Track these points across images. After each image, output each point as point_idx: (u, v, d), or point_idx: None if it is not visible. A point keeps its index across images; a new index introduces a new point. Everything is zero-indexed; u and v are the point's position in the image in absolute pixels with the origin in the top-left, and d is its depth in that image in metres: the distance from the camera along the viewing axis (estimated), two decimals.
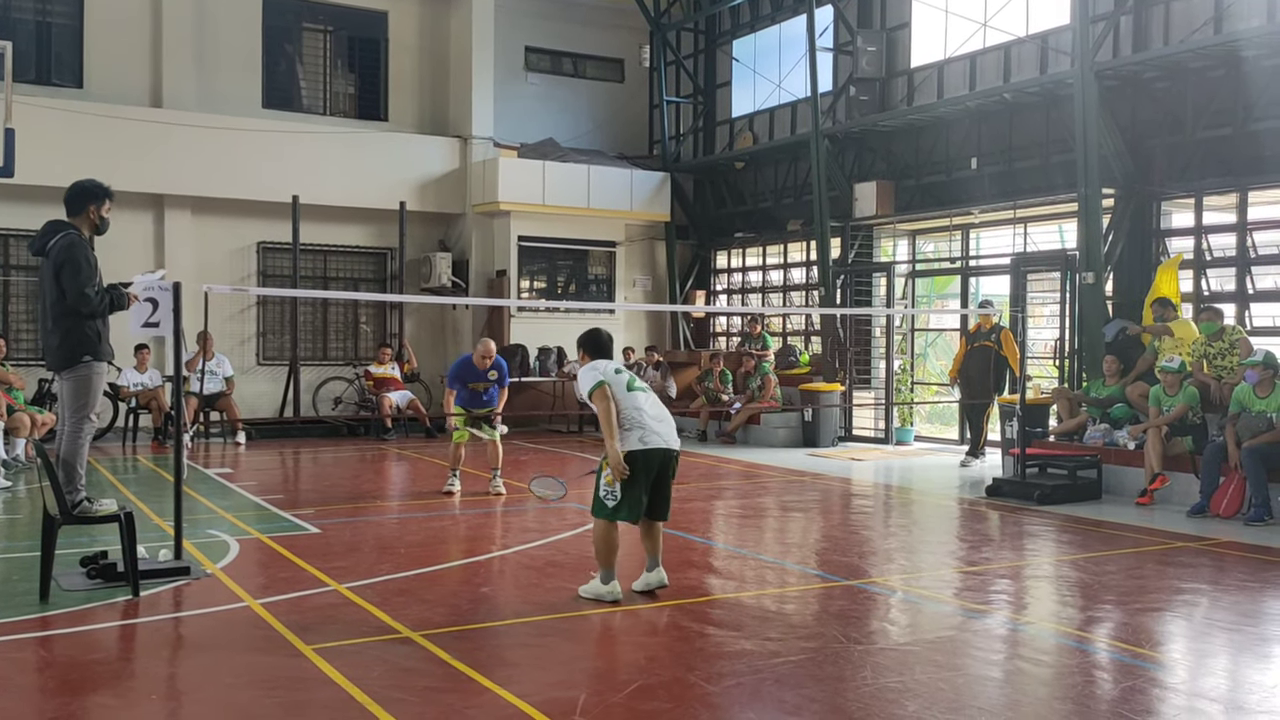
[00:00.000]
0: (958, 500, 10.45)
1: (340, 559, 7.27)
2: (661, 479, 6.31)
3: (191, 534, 7.56)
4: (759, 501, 10.27)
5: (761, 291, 18.94)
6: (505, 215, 17.31)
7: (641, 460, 6.15)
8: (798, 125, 17.46)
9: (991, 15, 14.20)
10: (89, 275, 6.35)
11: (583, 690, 4.64)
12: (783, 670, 4.96)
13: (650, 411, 6.32)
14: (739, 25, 19.05)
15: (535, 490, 9.49)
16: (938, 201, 14.89)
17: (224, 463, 12.55)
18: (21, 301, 15.52)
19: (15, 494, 9.98)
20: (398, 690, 4.60)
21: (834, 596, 6.43)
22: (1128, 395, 10.88)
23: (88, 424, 6.48)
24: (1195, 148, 11.91)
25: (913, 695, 4.65)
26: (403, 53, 18.05)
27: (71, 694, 4.62)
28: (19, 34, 14.88)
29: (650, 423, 6.25)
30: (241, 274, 16.55)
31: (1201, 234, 12.01)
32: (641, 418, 6.25)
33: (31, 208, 13.58)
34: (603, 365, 6.55)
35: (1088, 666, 5.20)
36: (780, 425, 15.06)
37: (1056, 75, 12.81)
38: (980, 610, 6.05)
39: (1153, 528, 8.88)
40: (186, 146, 15.40)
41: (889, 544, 8.37)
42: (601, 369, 6.49)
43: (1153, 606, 6.27)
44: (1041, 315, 14.29)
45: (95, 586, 6.25)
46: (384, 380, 15.66)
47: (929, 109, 14.49)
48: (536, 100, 19.25)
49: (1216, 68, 11.55)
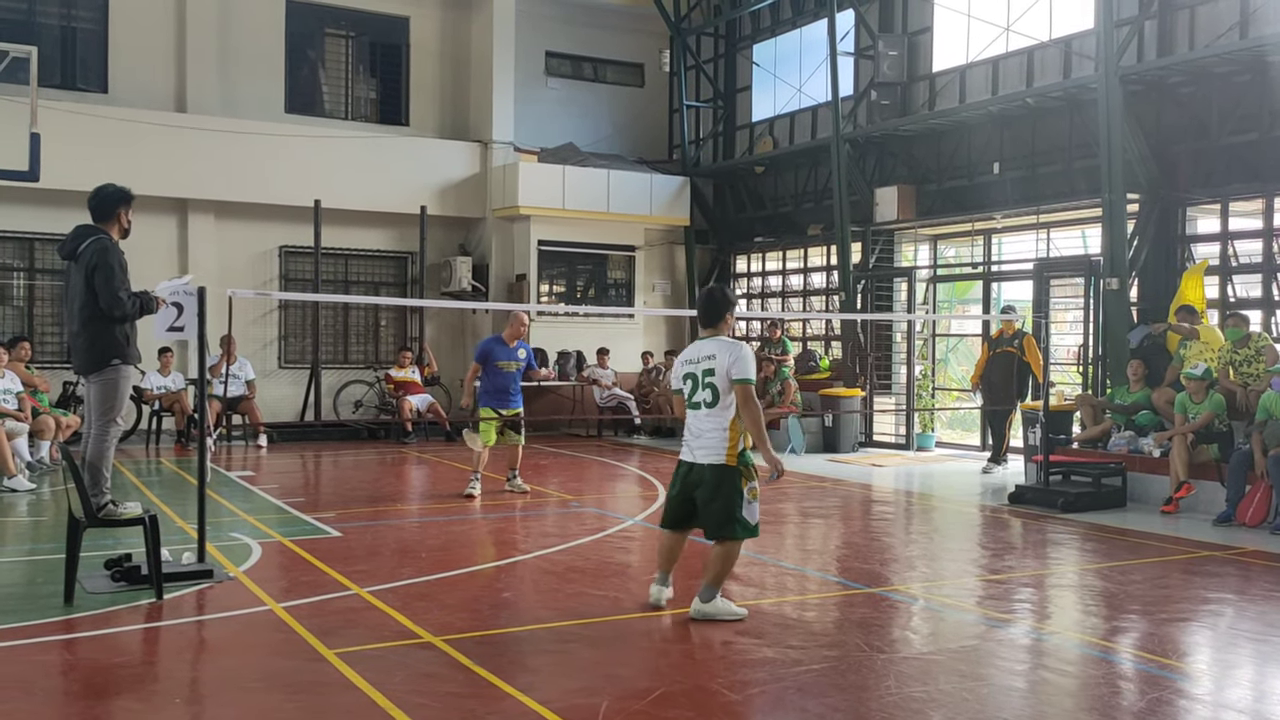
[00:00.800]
0: (980, 507, 10.38)
1: (361, 562, 7.28)
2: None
3: (214, 537, 7.59)
4: (779, 507, 10.24)
5: (781, 296, 18.89)
6: (525, 219, 17.34)
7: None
8: (818, 130, 17.41)
9: (1014, 20, 14.12)
10: (122, 279, 6.39)
11: (605, 697, 4.63)
12: (805, 679, 4.93)
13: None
14: (759, 30, 19.02)
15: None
16: (959, 206, 14.82)
17: (246, 466, 12.61)
18: (47, 305, 15.65)
19: (40, 496, 10.06)
20: (419, 695, 4.61)
21: (855, 604, 6.40)
22: (1154, 402, 10.79)
23: (114, 427, 6.52)
24: (1220, 153, 11.81)
25: (937, 705, 4.62)
26: (424, 58, 18.12)
27: (95, 697, 4.65)
28: (44, 39, 15.02)
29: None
30: (264, 278, 16.64)
31: (1227, 240, 11.91)
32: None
33: (56, 212, 13.72)
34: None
35: (1113, 677, 5.15)
36: (801, 430, 15.00)
37: (1080, 80, 12.73)
38: (1004, 619, 6.01)
39: (1178, 536, 8.79)
40: (210, 151, 15.51)
41: (910, 551, 8.32)
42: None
43: (1178, 616, 6.21)
44: (1065, 321, 14.19)
45: (119, 589, 6.29)
46: (404, 384, 15.72)
47: (951, 113, 14.42)
48: (557, 105, 19.28)
49: (1242, 72, 11.45)
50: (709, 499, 5.83)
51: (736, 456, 5.80)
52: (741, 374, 5.76)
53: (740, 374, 5.76)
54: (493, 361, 10.15)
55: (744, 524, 5.80)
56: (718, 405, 5.82)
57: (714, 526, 5.85)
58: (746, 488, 5.80)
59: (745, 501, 5.79)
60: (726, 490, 5.78)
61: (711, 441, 5.83)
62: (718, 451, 5.80)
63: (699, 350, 5.98)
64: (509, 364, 10.18)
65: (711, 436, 5.83)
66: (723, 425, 5.80)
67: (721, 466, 5.80)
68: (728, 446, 5.78)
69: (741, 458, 5.82)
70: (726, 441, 5.79)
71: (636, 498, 10.56)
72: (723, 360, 5.81)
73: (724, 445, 5.79)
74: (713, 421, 5.83)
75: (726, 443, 5.79)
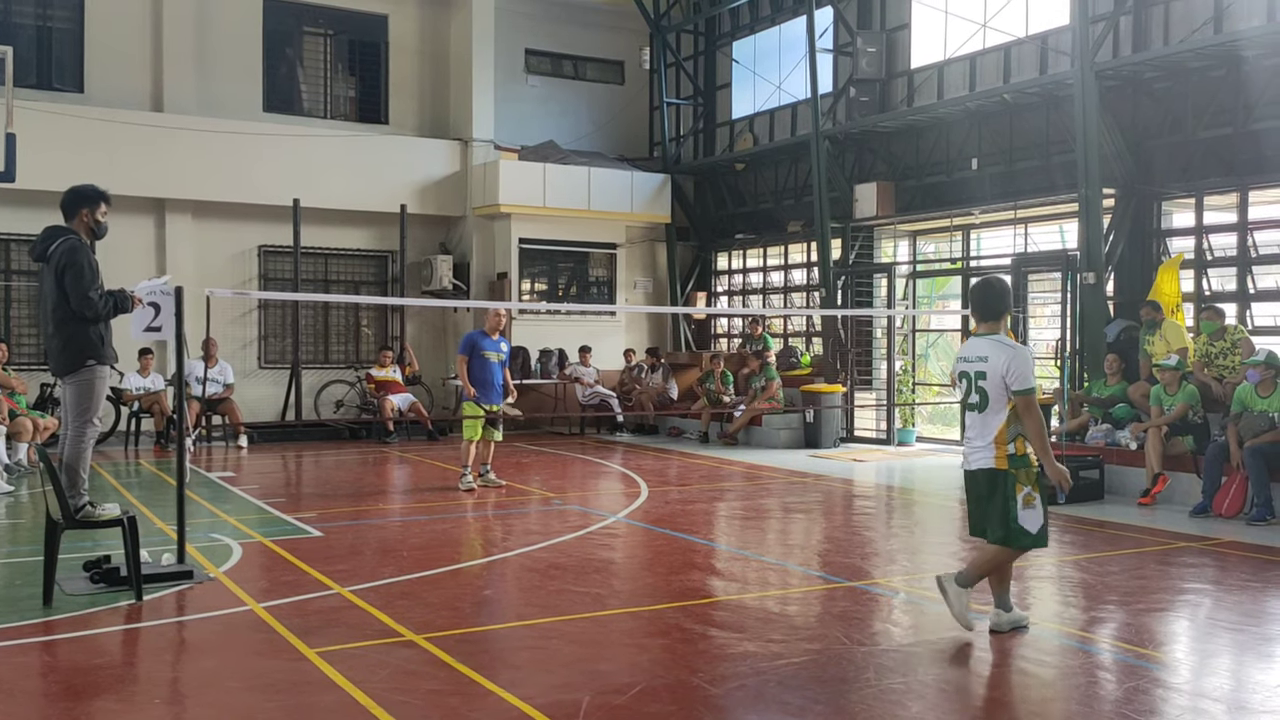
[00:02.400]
0: (960, 501, 10.42)
1: (343, 562, 7.27)
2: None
3: (194, 538, 7.57)
4: (761, 503, 10.27)
5: (762, 293, 18.94)
6: (506, 217, 17.32)
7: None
8: (798, 126, 17.47)
9: (991, 16, 14.20)
10: (91, 279, 6.34)
11: (586, 693, 4.64)
12: (786, 672, 4.96)
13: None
14: (739, 27, 19.06)
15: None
16: (938, 202, 14.90)
17: (226, 466, 12.55)
18: (23, 306, 15.54)
19: (18, 499, 9.99)
20: (401, 693, 4.61)
21: (836, 598, 6.43)
22: (1129, 395, 10.88)
23: (91, 428, 6.48)
24: (1196, 147, 11.91)
25: (916, 696, 4.65)
26: (403, 56, 18.07)
27: (75, 699, 4.62)
28: (20, 39, 14.90)
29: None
30: (243, 278, 16.56)
31: (1202, 234, 12.02)
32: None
33: (33, 212, 13.61)
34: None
35: (1091, 667, 5.20)
36: (782, 426, 15.06)
37: (1056, 76, 12.82)
38: (983, 611, 6.04)
39: (1155, 528, 8.87)
40: (187, 150, 15.43)
41: (891, 545, 8.37)
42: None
43: (1156, 607, 6.27)
44: (1043, 315, 14.28)
45: (98, 591, 6.26)
46: (385, 383, 15.67)
47: (929, 110, 14.49)
48: (537, 102, 19.26)
49: (1217, 67, 11.55)
50: (985, 505, 5.62)
51: (1007, 459, 5.51)
52: (1022, 384, 5.43)
53: (1020, 384, 5.43)
54: (479, 352, 10.45)
55: (1023, 532, 5.50)
56: (987, 409, 5.55)
57: (993, 532, 5.61)
58: (1021, 494, 5.49)
59: (1020, 507, 5.49)
60: (1000, 496, 5.53)
61: (981, 445, 5.59)
62: (986, 456, 5.56)
63: (973, 348, 5.67)
64: (493, 354, 10.52)
65: (981, 440, 5.59)
66: (992, 428, 5.53)
67: (992, 471, 5.54)
68: (996, 452, 5.52)
69: (1014, 460, 5.51)
70: (995, 446, 5.52)
71: (619, 495, 10.58)
72: (996, 364, 5.48)
73: (993, 450, 5.53)
74: (982, 424, 5.58)
75: (995, 448, 5.52)
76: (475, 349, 10.49)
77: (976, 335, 5.74)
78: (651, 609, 6.11)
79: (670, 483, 11.44)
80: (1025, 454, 5.56)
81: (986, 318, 5.68)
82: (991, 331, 5.65)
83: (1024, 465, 5.54)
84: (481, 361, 10.46)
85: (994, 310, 5.65)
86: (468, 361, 10.49)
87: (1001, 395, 5.49)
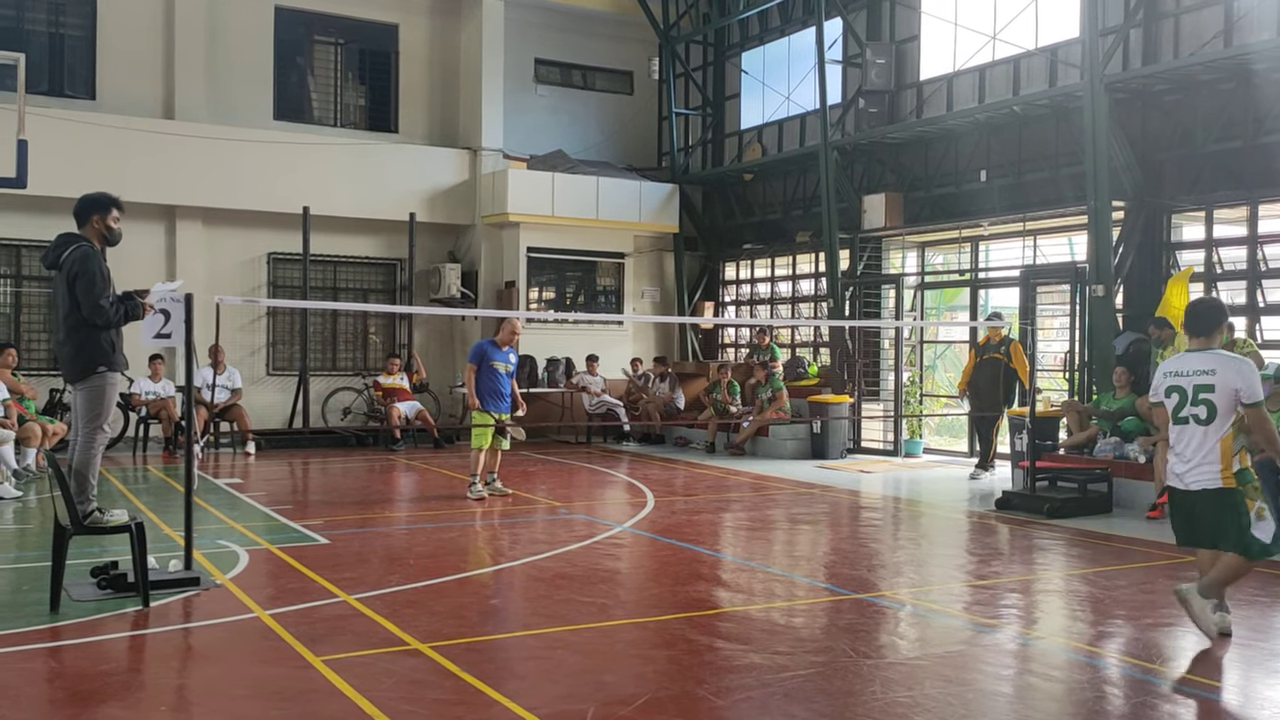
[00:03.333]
0: (967, 513, 10.42)
1: (349, 570, 7.28)
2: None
3: (201, 544, 7.58)
4: (767, 514, 10.26)
5: (770, 303, 18.93)
6: (514, 226, 17.35)
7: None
8: (806, 137, 17.48)
9: (1001, 28, 14.21)
10: (103, 287, 6.37)
11: (591, 703, 4.64)
12: (791, 684, 4.95)
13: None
14: (748, 38, 19.09)
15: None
16: (947, 213, 14.89)
17: (234, 473, 12.58)
18: (34, 312, 15.60)
19: (26, 504, 10.01)
20: (407, 703, 4.61)
21: (843, 610, 6.42)
22: (1139, 408, 10.85)
23: (101, 434, 6.51)
24: (1205, 160, 11.90)
25: (922, 710, 4.64)
26: (413, 65, 18.14)
27: (81, 705, 4.63)
28: (32, 46, 15.00)
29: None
30: (252, 285, 16.62)
31: (1212, 247, 11.99)
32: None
33: (44, 219, 13.70)
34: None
35: (1098, 682, 5.18)
36: (789, 437, 15.04)
37: (1066, 88, 12.82)
38: (990, 624, 6.03)
39: (1163, 542, 8.82)
40: (198, 158, 15.49)
41: (898, 557, 8.35)
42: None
43: (1164, 621, 6.24)
44: (1051, 328, 14.26)
45: (105, 597, 6.27)
46: (393, 391, 15.70)
47: (938, 121, 14.50)
48: (546, 112, 19.32)
49: (1226, 80, 11.54)
50: (1213, 526, 5.64)
51: (1234, 476, 5.55)
52: (1253, 397, 5.51)
53: (1251, 397, 5.51)
54: (488, 362, 10.41)
55: (1258, 543, 5.55)
56: (1214, 423, 5.57)
57: (1226, 544, 5.66)
58: (1253, 509, 5.54)
59: (1254, 520, 5.53)
60: (1231, 516, 5.56)
61: (1203, 463, 5.59)
62: (1211, 475, 5.56)
63: (1188, 363, 5.73)
64: (502, 365, 10.50)
65: (1203, 457, 5.59)
66: (1215, 443, 5.56)
67: (1218, 491, 5.56)
68: (1221, 468, 5.55)
69: (1240, 477, 5.56)
70: (1219, 462, 5.55)
71: (625, 504, 10.57)
72: (1226, 378, 5.55)
73: (1218, 466, 5.56)
74: (1204, 439, 5.59)
75: (1220, 463, 5.55)
76: (485, 359, 10.44)
77: (1191, 350, 5.82)
78: (657, 620, 6.10)
79: (677, 493, 11.43)
80: (1247, 468, 5.65)
81: (1202, 333, 5.80)
82: (1207, 346, 5.75)
83: (1248, 480, 5.63)
84: (491, 372, 10.42)
85: (1211, 325, 5.79)
86: (476, 371, 10.47)
87: (1230, 408, 5.58)
